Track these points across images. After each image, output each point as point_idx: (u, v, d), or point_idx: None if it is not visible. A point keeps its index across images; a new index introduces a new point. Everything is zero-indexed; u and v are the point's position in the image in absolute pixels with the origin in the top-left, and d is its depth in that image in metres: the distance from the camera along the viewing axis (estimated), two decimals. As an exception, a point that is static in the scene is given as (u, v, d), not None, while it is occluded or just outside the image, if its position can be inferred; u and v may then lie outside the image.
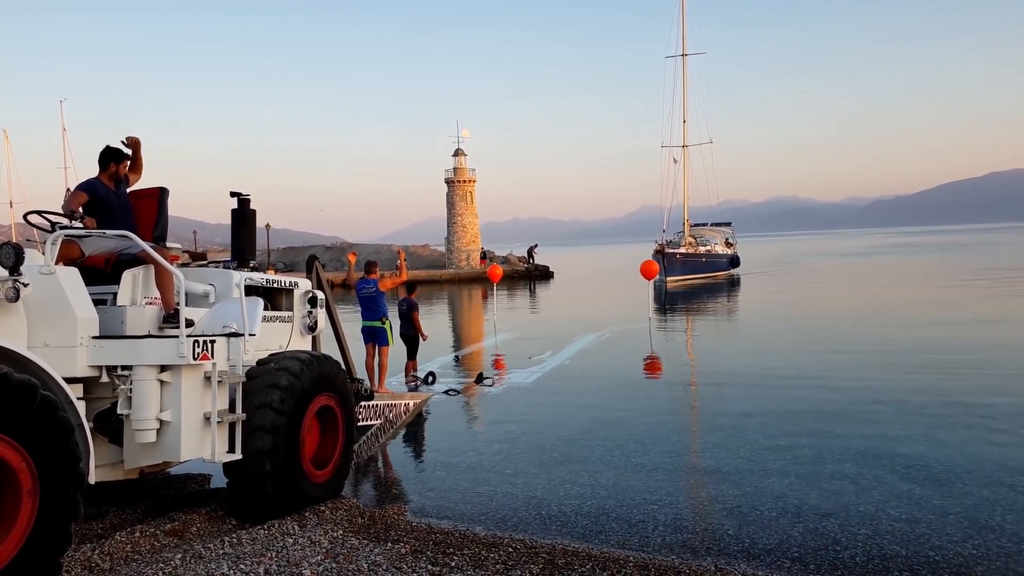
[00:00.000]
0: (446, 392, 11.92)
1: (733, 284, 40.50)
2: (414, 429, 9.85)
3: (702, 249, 49.86)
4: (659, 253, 41.69)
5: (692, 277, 44.12)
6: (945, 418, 9.16)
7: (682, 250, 47.51)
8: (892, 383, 11.47)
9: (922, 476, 6.98)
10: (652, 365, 14.89)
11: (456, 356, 16.77)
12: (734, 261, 51.13)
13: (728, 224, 58.43)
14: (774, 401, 10.54)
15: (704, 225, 56.58)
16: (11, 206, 68.15)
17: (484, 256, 58.80)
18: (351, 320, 13.44)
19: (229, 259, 7.06)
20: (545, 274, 55.23)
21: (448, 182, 60.51)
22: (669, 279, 39.74)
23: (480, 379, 12.88)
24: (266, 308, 6.68)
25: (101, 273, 5.64)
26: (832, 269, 50.35)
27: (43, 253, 5.19)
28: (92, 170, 6.09)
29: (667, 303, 25.49)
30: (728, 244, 54.33)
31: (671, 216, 51.46)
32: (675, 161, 51.83)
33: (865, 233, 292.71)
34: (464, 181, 60.19)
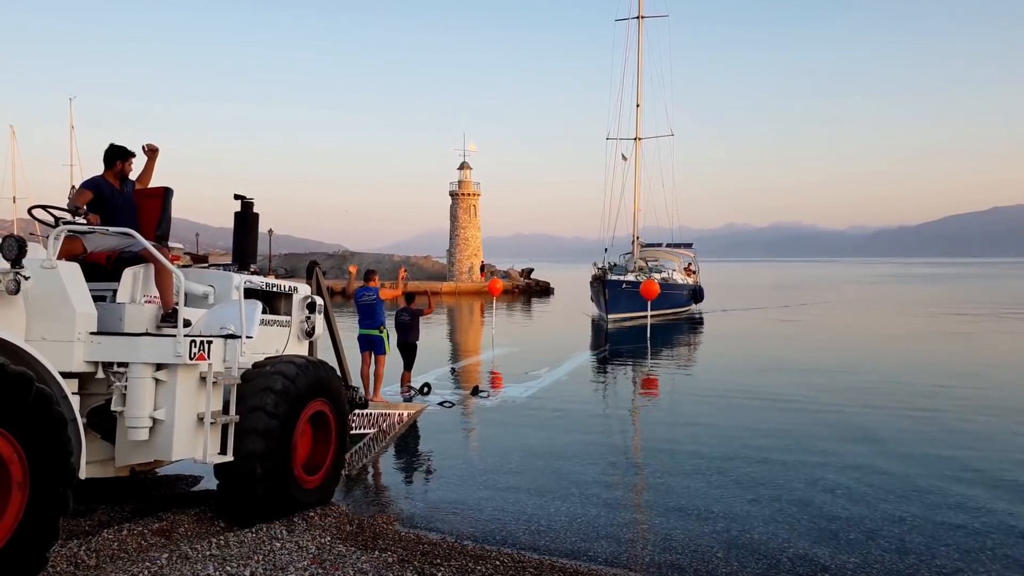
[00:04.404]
0: (441, 404, 11.91)
1: (693, 325, 30.35)
2: (407, 439, 9.84)
3: (656, 277, 34.26)
4: (598, 280, 32.06)
5: (641, 314, 27.19)
6: (941, 444, 9.15)
7: (629, 278, 33.57)
8: (885, 411, 11.45)
9: (914, 501, 6.96)
10: (649, 384, 14.89)
11: (452, 368, 16.75)
12: (696, 294, 38.10)
13: (689, 246, 45.26)
14: (768, 424, 10.52)
15: (659, 246, 43.56)
16: (14, 201, 68.16)
17: (483, 269, 58.88)
18: (349, 328, 13.45)
19: (230, 262, 7.08)
20: (545, 290, 55.27)
21: (452, 195, 60.77)
22: (611, 316, 29.85)
23: (476, 392, 12.88)
24: (265, 312, 6.70)
25: (102, 269, 5.67)
26: (833, 300, 50.13)
27: (46, 248, 5.22)
28: (97, 167, 6.14)
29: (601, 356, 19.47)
30: (689, 271, 41.83)
31: (616, 236, 39.78)
32: (624, 158, 40.71)
33: (868, 262, 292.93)
34: (468, 194, 60.42)
